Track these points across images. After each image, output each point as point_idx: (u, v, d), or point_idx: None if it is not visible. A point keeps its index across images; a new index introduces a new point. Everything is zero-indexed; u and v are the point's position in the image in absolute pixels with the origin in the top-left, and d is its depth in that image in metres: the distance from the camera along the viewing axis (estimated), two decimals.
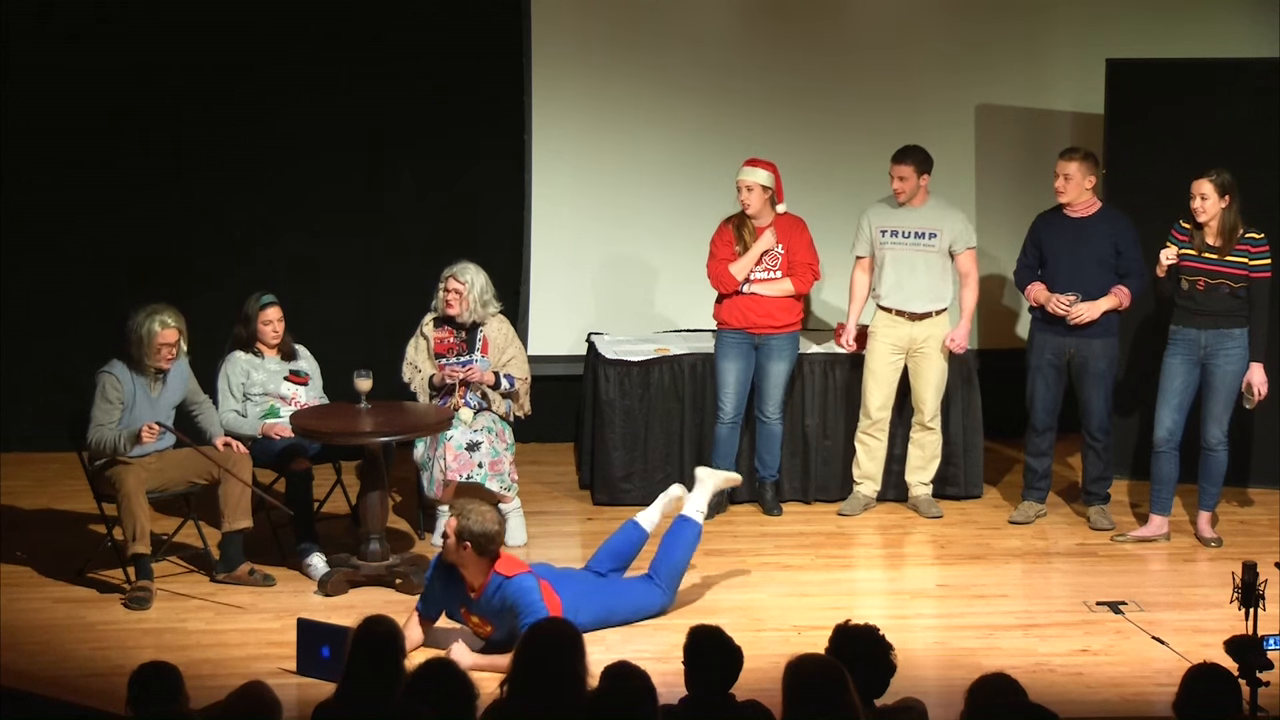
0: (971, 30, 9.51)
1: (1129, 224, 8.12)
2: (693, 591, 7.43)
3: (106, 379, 7.33)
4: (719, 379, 8.42)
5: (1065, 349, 8.16)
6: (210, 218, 9.46)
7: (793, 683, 4.55)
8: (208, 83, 9.34)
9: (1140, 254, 8.03)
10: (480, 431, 7.92)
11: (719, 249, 8.32)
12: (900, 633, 6.89)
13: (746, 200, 8.23)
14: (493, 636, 6.68)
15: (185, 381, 7.53)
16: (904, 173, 8.31)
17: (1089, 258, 8.05)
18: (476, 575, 6.60)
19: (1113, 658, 6.73)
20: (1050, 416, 8.29)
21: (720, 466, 8.16)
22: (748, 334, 8.35)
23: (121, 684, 4.79)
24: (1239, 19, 9.33)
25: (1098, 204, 8.14)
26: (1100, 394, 8.19)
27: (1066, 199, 8.09)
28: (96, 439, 7.28)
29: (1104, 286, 8.06)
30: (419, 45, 9.43)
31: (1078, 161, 8.06)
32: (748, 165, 8.26)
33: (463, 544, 6.52)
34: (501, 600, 6.57)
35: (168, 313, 7.35)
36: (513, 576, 6.57)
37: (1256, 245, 7.76)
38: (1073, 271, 8.08)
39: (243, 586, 7.44)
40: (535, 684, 4.69)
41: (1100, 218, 8.11)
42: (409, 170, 9.54)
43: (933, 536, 8.28)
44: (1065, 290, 8.08)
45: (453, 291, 7.98)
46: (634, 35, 9.41)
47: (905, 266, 8.37)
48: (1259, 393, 7.84)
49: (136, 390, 7.36)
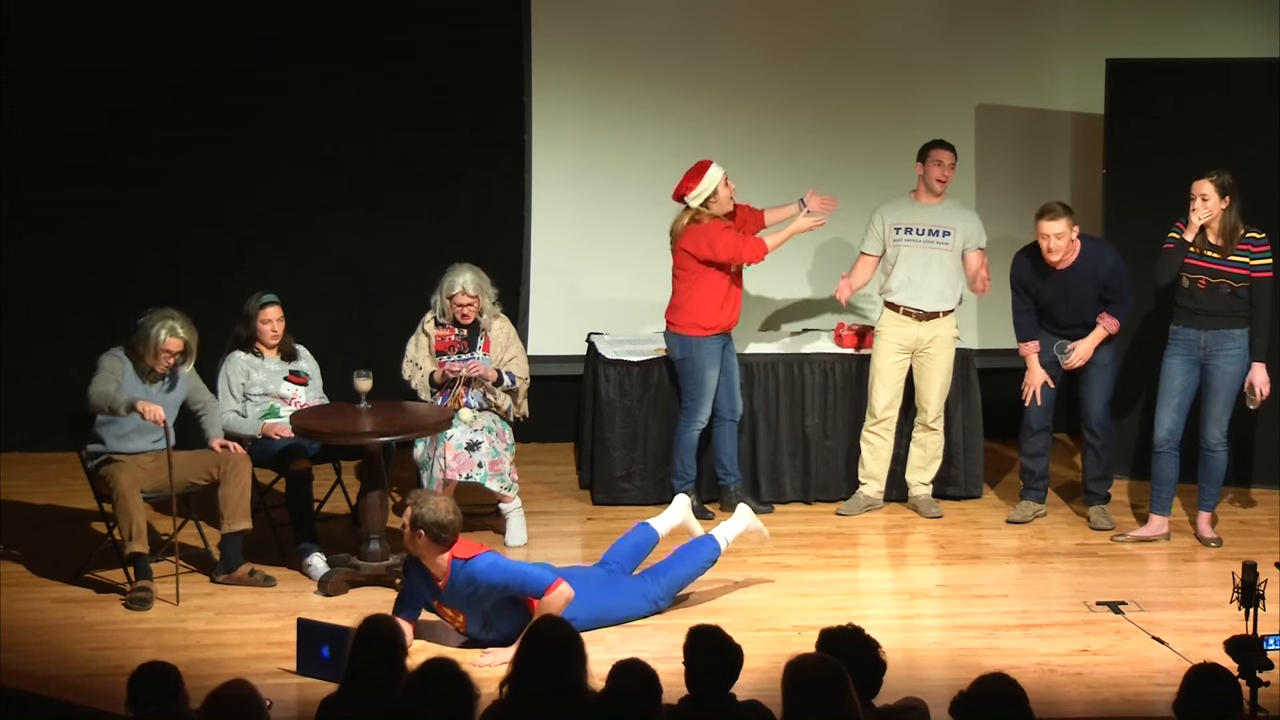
0: (971, 30, 9.51)
1: (1109, 253, 8.05)
2: (693, 591, 7.43)
3: (107, 360, 7.37)
4: (703, 388, 8.31)
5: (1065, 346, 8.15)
6: (210, 218, 9.46)
7: (792, 683, 4.55)
8: (208, 83, 9.34)
9: (1125, 277, 8.01)
10: (480, 431, 7.93)
11: (725, 229, 8.24)
12: (901, 633, 6.95)
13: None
14: (468, 628, 6.70)
15: (185, 383, 7.53)
16: (953, 160, 8.32)
17: (1078, 299, 8.04)
18: (436, 565, 6.64)
19: (1113, 658, 6.73)
20: (1045, 416, 8.27)
21: (734, 480, 8.45)
22: (725, 335, 8.35)
23: (121, 684, 4.78)
24: (1239, 19, 9.32)
25: (1077, 247, 8.01)
26: (1100, 391, 8.19)
27: (1056, 258, 7.97)
28: (97, 391, 7.27)
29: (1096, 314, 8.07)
30: (419, 45, 9.43)
31: (1065, 219, 7.89)
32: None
33: (416, 532, 6.56)
34: (468, 583, 6.59)
35: (180, 323, 7.37)
36: (470, 559, 6.62)
37: (1257, 245, 7.76)
38: (1066, 314, 8.10)
39: (243, 587, 7.44)
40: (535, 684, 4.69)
41: (1082, 260, 8.01)
42: (409, 170, 9.54)
43: (933, 536, 8.28)
44: (1060, 331, 8.10)
45: (466, 306, 7.99)
46: (634, 35, 9.41)
47: (918, 264, 8.37)
48: (1261, 393, 7.84)
49: (135, 385, 7.39)
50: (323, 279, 9.47)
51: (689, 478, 8.40)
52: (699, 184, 8.16)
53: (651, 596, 7.09)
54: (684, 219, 8.24)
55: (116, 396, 7.27)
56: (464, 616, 6.70)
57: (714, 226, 8.18)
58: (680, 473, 8.41)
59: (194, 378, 7.59)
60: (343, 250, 9.56)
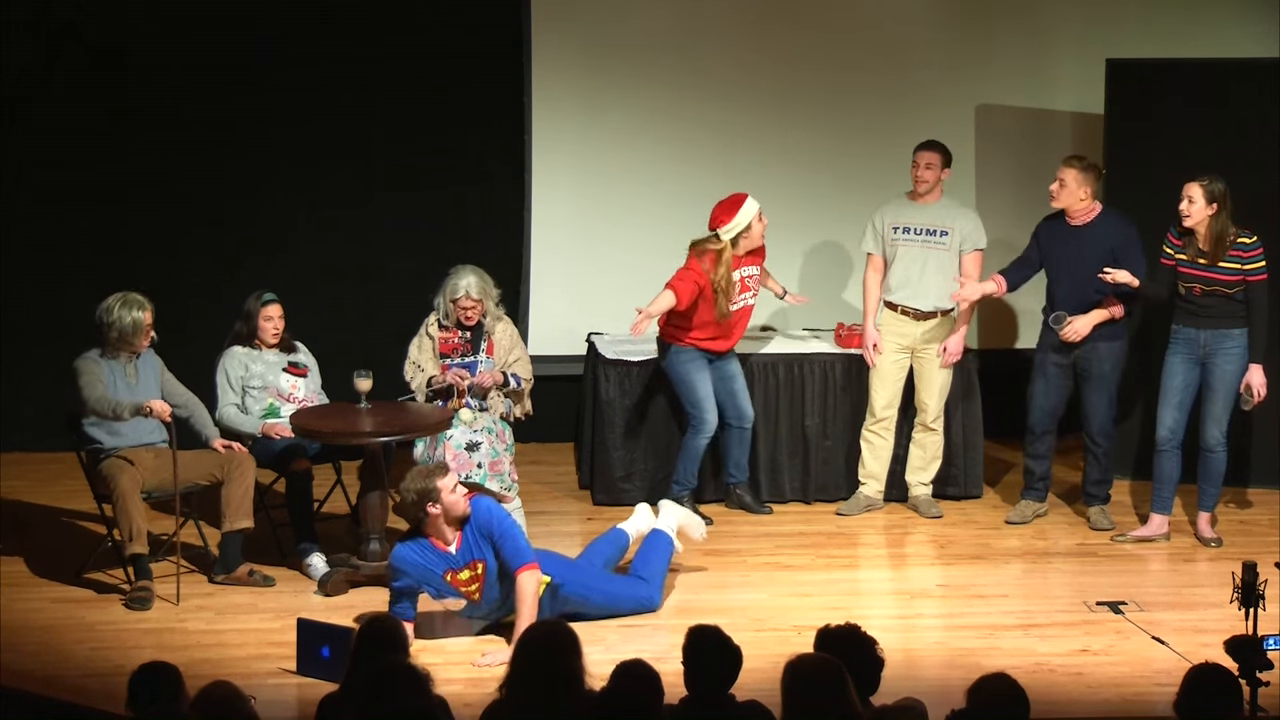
0: (971, 30, 9.51)
1: (1127, 226, 8.08)
2: (693, 591, 7.44)
3: (85, 364, 7.40)
4: (694, 394, 8.28)
5: (1070, 350, 8.14)
6: (210, 218, 9.45)
7: (792, 683, 4.55)
8: (207, 83, 9.34)
9: (1140, 256, 8.00)
10: (480, 432, 7.93)
11: (694, 280, 8.12)
12: (901, 633, 6.95)
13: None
14: (485, 582, 6.76)
15: (157, 370, 7.59)
16: (931, 160, 8.30)
17: (1087, 266, 8.01)
18: (446, 529, 6.74)
19: (1113, 658, 6.73)
20: (1049, 419, 8.27)
21: (739, 478, 8.47)
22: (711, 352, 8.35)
23: (121, 684, 4.79)
24: (1239, 19, 9.33)
25: (1097, 209, 8.11)
26: (1103, 397, 8.18)
27: (1058, 204, 8.07)
28: (94, 397, 7.30)
29: (1104, 294, 8.05)
30: (419, 45, 9.43)
31: (1075, 170, 8.01)
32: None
33: (428, 507, 6.66)
34: (482, 517, 6.74)
35: (139, 298, 7.49)
36: (470, 499, 6.81)
37: (1249, 250, 7.74)
38: (1071, 280, 8.07)
39: (242, 587, 7.44)
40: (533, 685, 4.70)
41: (1098, 224, 8.08)
42: (409, 170, 9.53)
43: (933, 536, 8.29)
44: (1058, 304, 8.08)
45: (470, 308, 7.99)
46: (634, 35, 9.40)
47: (915, 264, 8.37)
48: (1258, 394, 7.84)
49: (116, 378, 7.42)
50: (322, 279, 9.47)
51: (689, 484, 8.40)
52: (734, 218, 8.12)
53: (641, 586, 7.19)
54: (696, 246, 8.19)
55: (118, 401, 7.28)
56: (483, 564, 6.75)
57: (694, 271, 8.10)
58: (680, 478, 8.40)
59: (169, 378, 7.61)
60: (342, 250, 9.56)
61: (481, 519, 6.75)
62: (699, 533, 7.64)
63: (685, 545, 7.56)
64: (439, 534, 6.75)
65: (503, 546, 6.71)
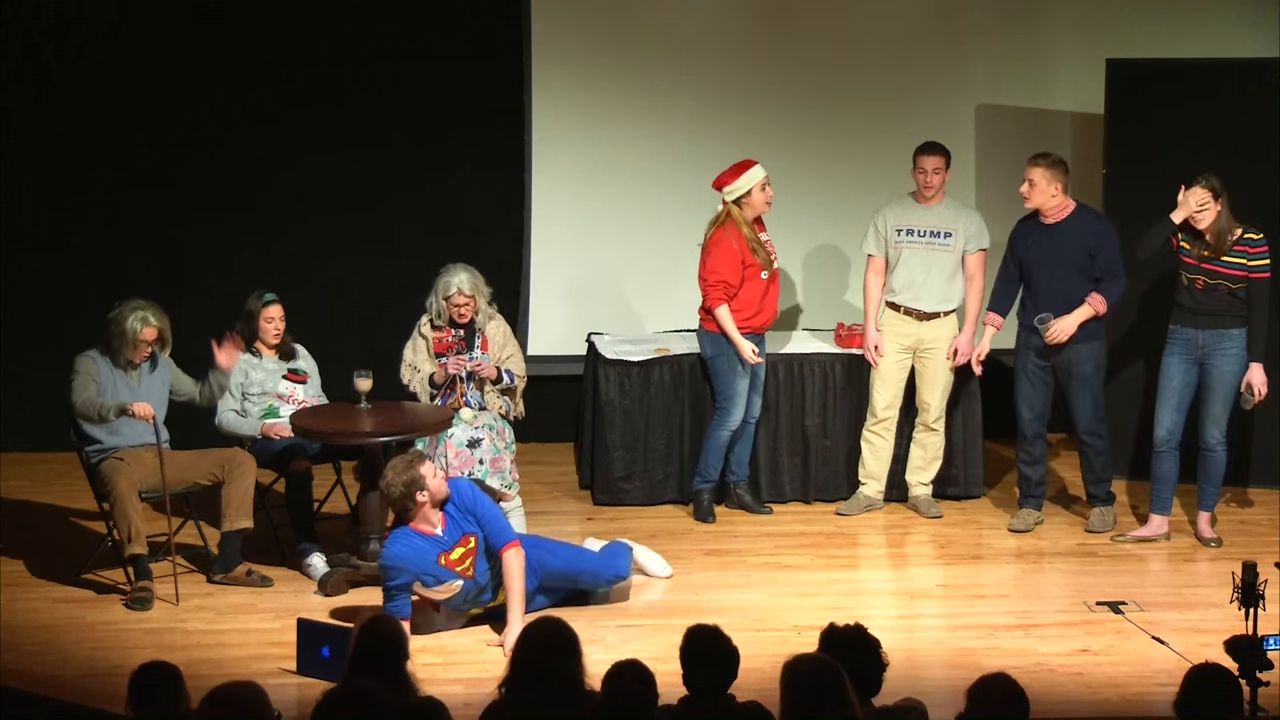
0: (971, 30, 9.51)
1: (1103, 223, 8.07)
2: (693, 591, 7.44)
3: (82, 362, 7.41)
4: (733, 387, 8.30)
5: (1050, 353, 8.12)
6: (210, 218, 9.45)
7: (791, 683, 4.55)
8: (208, 83, 9.33)
9: (1117, 253, 7.98)
10: (481, 429, 7.93)
11: (731, 256, 8.19)
12: (901, 633, 6.95)
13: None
14: (476, 558, 6.86)
15: (167, 373, 7.59)
16: (938, 165, 8.29)
17: (1064, 265, 7.99)
18: (432, 514, 6.84)
19: (1113, 658, 6.73)
20: (1039, 423, 8.25)
21: (740, 475, 8.50)
22: (758, 336, 8.34)
23: (121, 684, 4.78)
24: (1239, 19, 9.32)
25: (1070, 206, 8.06)
26: (1087, 397, 8.14)
27: (1031, 205, 8.03)
28: (82, 400, 7.32)
29: (1083, 293, 8.01)
30: (419, 45, 9.43)
31: (1041, 168, 7.95)
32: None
33: (416, 495, 6.77)
34: (465, 495, 6.92)
35: (151, 311, 7.47)
36: (449, 479, 7.01)
37: (1255, 246, 7.75)
38: (1049, 281, 8.03)
39: (242, 587, 7.44)
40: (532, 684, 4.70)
41: (1072, 220, 8.02)
42: (409, 170, 9.53)
43: (933, 536, 8.29)
44: (1041, 306, 8.06)
45: (463, 305, 7.98)
46: (634, 35, 9.40)
47: (919, 265, 8.36)
48: (1259, 393, 7.83)
49: (116, 379, 7.42)
50: (322, 279, 9.46)
51: (711, 478, 8.41)
52: (736, 180, 8.16)
53: (614, 557, 7.39)
54: (713, 223, 8.22)
55: (104, 403, 7.29)
56: (474, 536, 6.89)
57: (725, 245, 8.16)
58: (703, 471, 8.41)
59: (174, 369, 7.62)
60: (342, 250, 9.55)
61: (465, 495, 6.94)
62: (662, 570, 7.66)
63: (655, 571, 7.62)
64: (425, 520, 6.84)
65: (487, 526, 6.90)
